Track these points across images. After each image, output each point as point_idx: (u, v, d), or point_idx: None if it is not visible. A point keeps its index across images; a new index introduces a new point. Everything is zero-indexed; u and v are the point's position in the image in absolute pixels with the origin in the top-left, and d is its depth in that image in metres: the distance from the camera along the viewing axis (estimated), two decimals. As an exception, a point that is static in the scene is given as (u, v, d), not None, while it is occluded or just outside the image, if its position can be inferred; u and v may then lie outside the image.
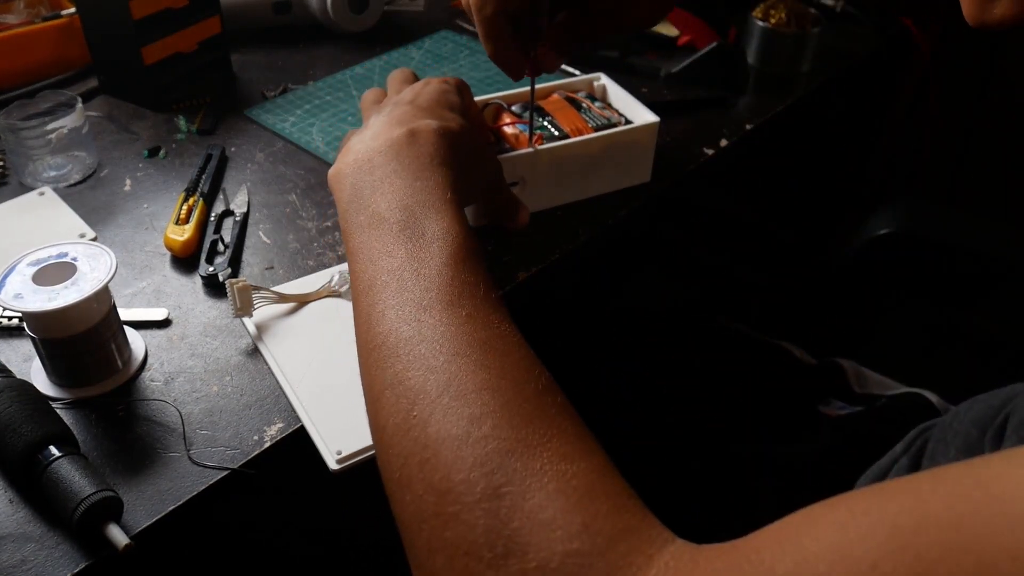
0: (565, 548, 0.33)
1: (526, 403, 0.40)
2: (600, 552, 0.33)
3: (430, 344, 0.43)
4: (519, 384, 0.41)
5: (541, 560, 0.33)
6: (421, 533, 0.38)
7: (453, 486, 0.37)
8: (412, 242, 0.48)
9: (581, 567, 0.33)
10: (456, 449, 0.38)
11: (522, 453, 0.37)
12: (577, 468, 0.37)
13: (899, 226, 0.86)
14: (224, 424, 0.54)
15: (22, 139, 0.73)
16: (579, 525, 0.34)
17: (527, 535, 0.34)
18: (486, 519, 0.35)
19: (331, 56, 0.96)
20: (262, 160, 0.79)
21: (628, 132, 0.71)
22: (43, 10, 0.90)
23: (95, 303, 0.53)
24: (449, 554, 0.36)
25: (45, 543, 0.47)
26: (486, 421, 0.39)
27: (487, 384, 0.40)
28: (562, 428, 0.39)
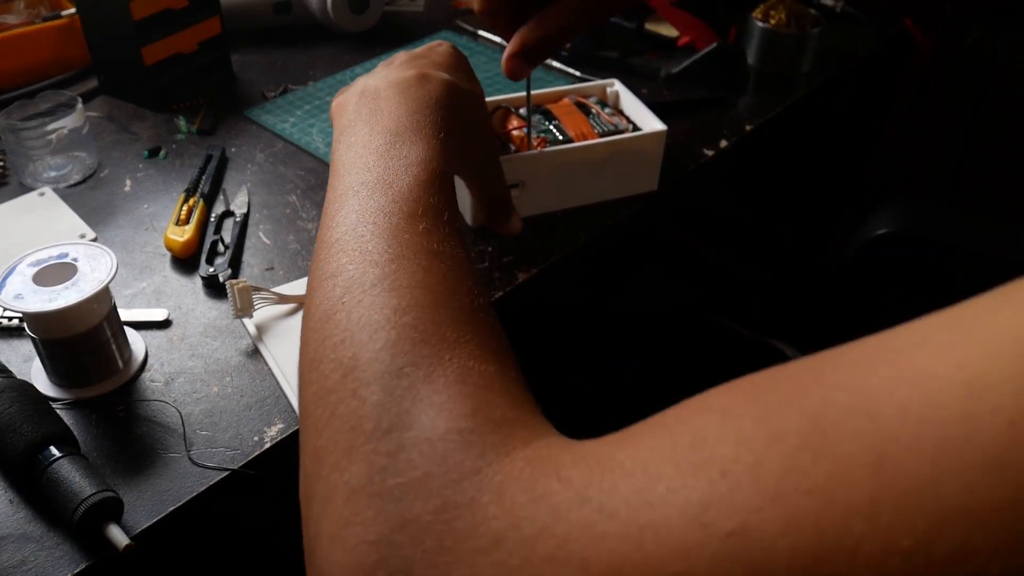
0: (447, 426, 0.33)
1: (456, 309, 0.40)
2: (480, 433, 0.33)
3: (379, 242, 0.43)
4: (455, 293, 0.41)
5: (422, 435, 0.33)
6: (316, 410, 0.37)
7: (358, 364, 0.37)
8: (391, 161, 0.48)
9: (459, 444, 0.33)
10: (372, 332, 0.38)
11: (435, 345, 0.37)
12: (484, 368, 0.37)
13: (898, 226, 0.86)
14: (224, 425, 0.54)
15: (22, 139, 0.73)
16: (468, 409, 0.34)
17: (416, 414, 0.34)
18: (380, 395, 0.35)
19: (331, 56, 0.96)
20: (262, 161, 0.79)
21: (633, 140, 0.71)
22: (43, 10, 0.90)
23: (95, 304, 0.53)
24: (335, 428, 0.36)
25: (45, 543, 0.47)
26: (409, 312, 0.39)
27: (423, 283, 0.41)
28: (483, 336, 0.39)
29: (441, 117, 0.53)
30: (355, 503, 0.33)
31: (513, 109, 0.74)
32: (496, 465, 0.32)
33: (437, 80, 0.55)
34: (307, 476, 0.36)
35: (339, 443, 0.35)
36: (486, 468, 0.32)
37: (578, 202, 0.72)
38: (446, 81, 0.56)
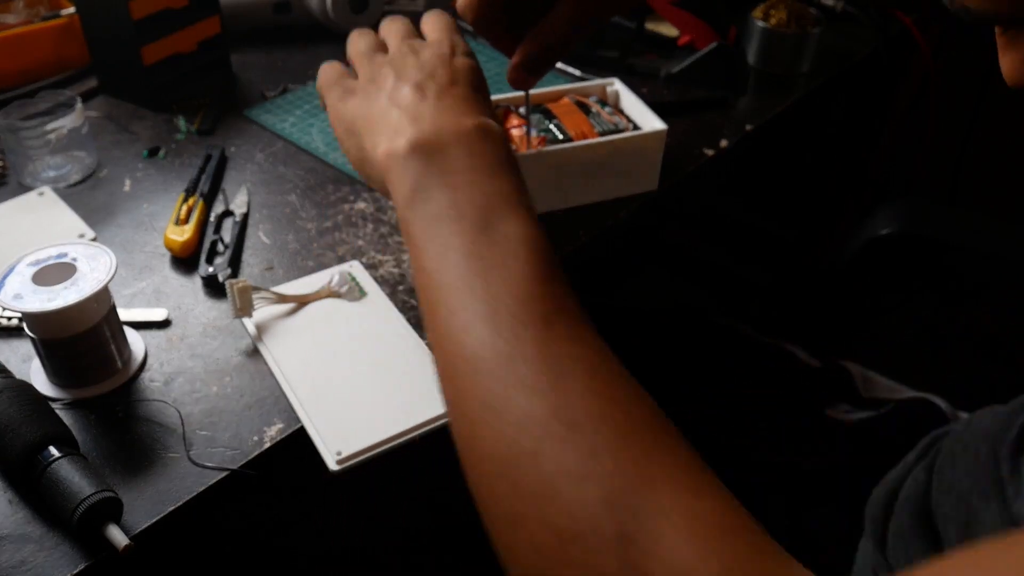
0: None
1: (641, 433, 0.38)
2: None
3: (532, 364, 0.39)
4: (630, 412, 0.39)
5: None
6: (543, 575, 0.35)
7: (578, 529, 0.35)
8: (494, 244, 0.44)
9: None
10: (576, 487, 0.35)
11: (648, 490, 0.35)
12: (705, 505, 0.35)
13: (898, 226, 0.86)
14: (224, 425, 0.54)
15: (22, 139, 0.73)
16: (718, 569, 0.32)
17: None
18: (618, 565, 0.33)
19: (331, 56, 0.95)
20: (262, 160, 0.79)
21: (633, 139, 0.71)
22: (42, 10, 0.90)
23: (95, 303, 0.53)
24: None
25: (45, 544, 0.47)
26: (605, 456, 0.36)
27: (599, 412, 0.38)
28: (681, 459, 0.37)
29: (515, 178, 0.49)
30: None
31: (513, 108, 0.74)
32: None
33: (497, 135, 0.51)
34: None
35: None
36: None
37: (578, 201, 0.72)
38: (502, 134, 0.52)
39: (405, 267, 0.66)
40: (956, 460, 0.55)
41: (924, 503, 0.56)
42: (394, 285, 0.65)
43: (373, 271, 0.66)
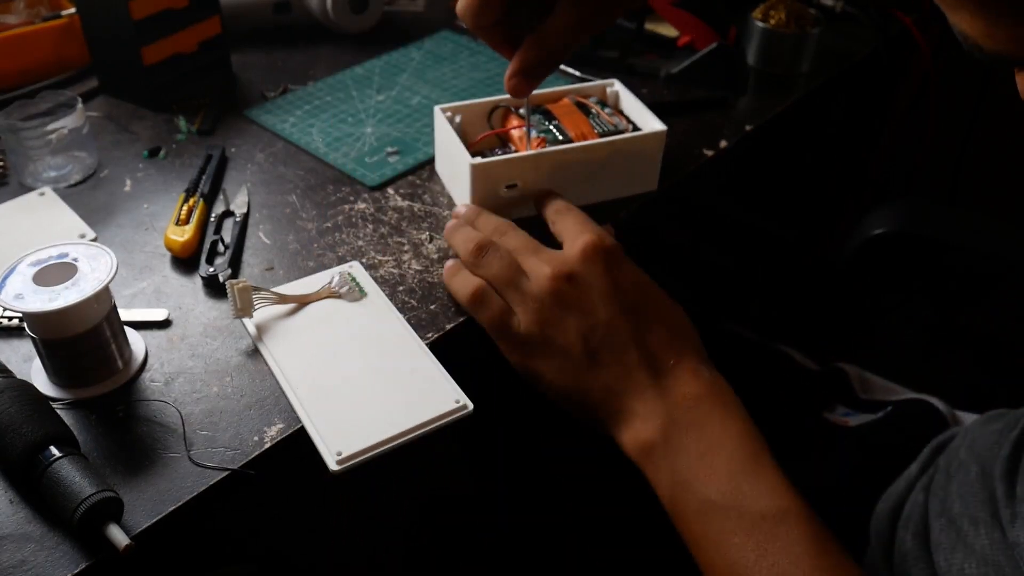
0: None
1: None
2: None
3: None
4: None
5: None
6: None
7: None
8: (755, 530, 0.47)
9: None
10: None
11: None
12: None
13: (895, 225, 0.86)
14: (224, 425, 0.54)
15: (22, 139, 0.73)
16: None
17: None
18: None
19: (331, 56, 0.96)
20: (262, 161, 0.79)
21: (633, 140, 0.71)
22: (43, 10, 0.90)
23: (95, 303, 0.54)
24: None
25: (45, 543, 0.47)
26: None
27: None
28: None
29: (749, 430, 0.52)
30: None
31: (513, 109, 0.74)
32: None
33: (727, 393, 0.53)
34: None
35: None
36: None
37: (578, 202, 0.72)
38: (727, 388, 0.54)
39: (405, 267, 0.67)
40: (950, 480, 0.56)
41: (923, 526, 0.56)
42: (394, 285, 0.65)
43: (373, 271, 0.66)
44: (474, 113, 0.74)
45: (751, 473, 0.49)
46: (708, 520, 0.49)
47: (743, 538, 0.47)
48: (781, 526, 0.47)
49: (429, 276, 0.66)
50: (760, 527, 0.47)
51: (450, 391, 0.56)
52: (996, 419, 0.58)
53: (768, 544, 0.47)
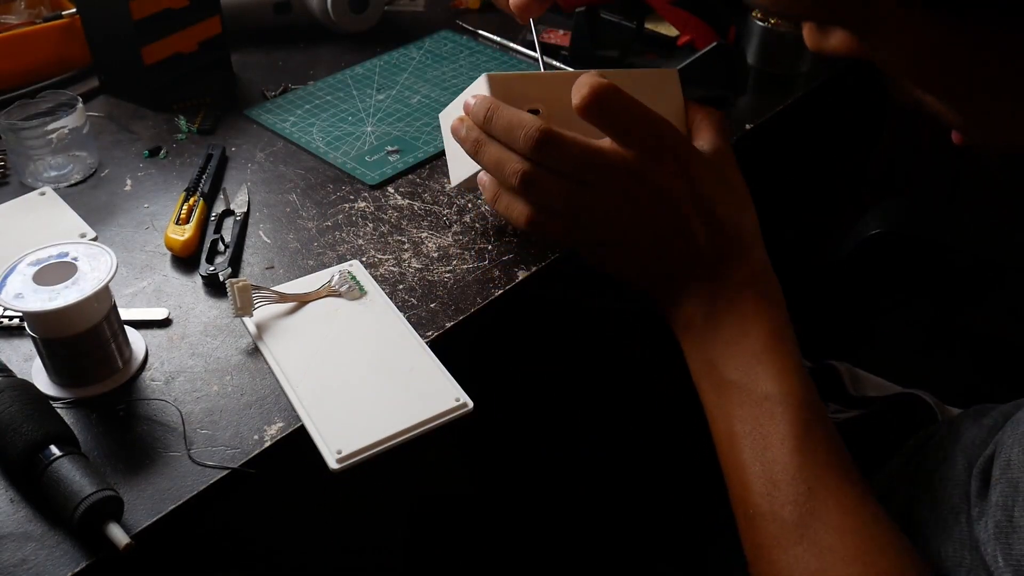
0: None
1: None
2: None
3: (780, 523, 0.48)
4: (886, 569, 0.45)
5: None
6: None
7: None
8: (756, 407, 0.52)
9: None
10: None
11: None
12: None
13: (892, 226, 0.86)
14: (224, 424, 0.54)
15: (23, 139, 0.73)
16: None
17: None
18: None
19: (331, 56, 0.96)
20: (262, 160, 0.79)
21: (649, 73, 0.63)
22: (44, 10, 0.90)
23: (95, 303, 0.54)
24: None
25: (46, 542, 0.47)
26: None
27: (834, 570, 0.45)
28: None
29: (780, 323, 0.55)
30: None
31: None
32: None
33: (775, 290, 0.57)
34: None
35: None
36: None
37: None
38: (776, 286, 0.57)
39: (405, 266, 0.67)
40: (934, 472, 0.56)
41: (906, 514, 0.57)
42: (394, 284, 0.65)
43: (373, 270, 0.66)
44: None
45: (769, 358, 0.53)
46: (723, 395, 0.54)
47: (746, 411, 0.52)
48: (779, 406, 0.51)
49: (429, 274, 0.66)
50: (762, 404, 0.52)
51: (450, 389, 0.56)
52: (983, 414, 0.59)
53: (764, 419, 0.51)
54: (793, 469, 0.49)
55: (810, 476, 0.49)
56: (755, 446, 0.51)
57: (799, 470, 0.49)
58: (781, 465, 0.49)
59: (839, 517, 0.47)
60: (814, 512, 0.47)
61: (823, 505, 0.48)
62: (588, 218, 0.56)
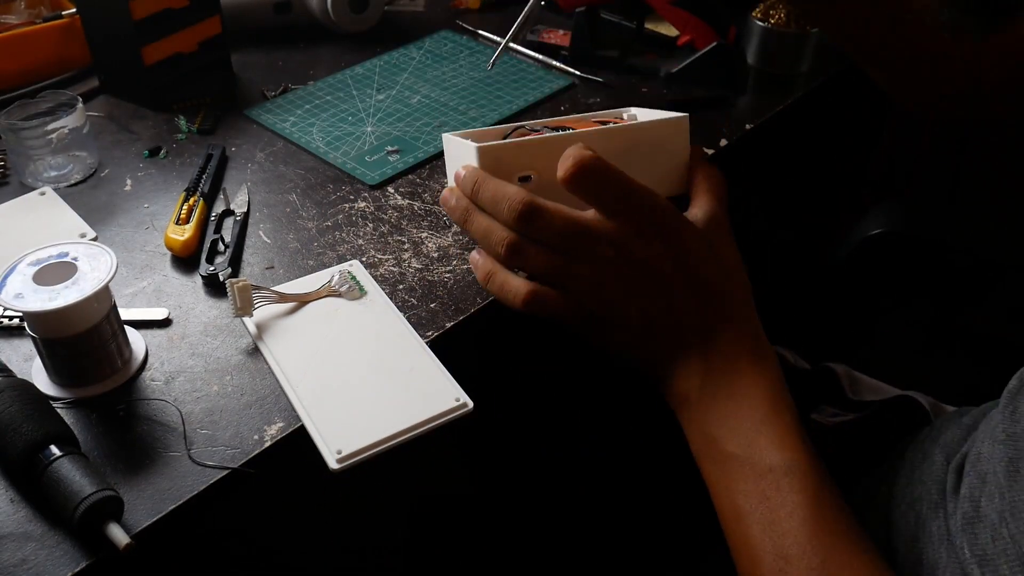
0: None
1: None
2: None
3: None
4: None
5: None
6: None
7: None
8: (761, 480, 0.51)
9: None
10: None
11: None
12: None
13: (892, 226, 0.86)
14: (224, 423, 0.54)
15: (23, 139, 0.73)
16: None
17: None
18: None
19: (331, 56, 0.96)
20: (262, 160, 0.79)
21: (654, 125, 0.64)
22: (44, 10, 0.90)
23: (95, 303, 0.54)
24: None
25: (46, 542, 0.47)
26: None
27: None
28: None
29: (781, 399, 0.54)
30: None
31: (527, 127, 0.71)
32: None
33: (771, 365, 0.55)
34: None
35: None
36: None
37: None
38: (775, 364, 0.56)
39: (405, 266, 0.67)
40: (914, 470, 0.57)
41: (885, 516, 0.57)
42: (394, 284, 0.65)
43: (373, 270, 0.66)
44: (486, 139, 0.65)
45: (769, 428, 0.52)
46: (726, 470, 0.52)
47: (750, 486, 0.51)
48: (786, 477, 0.50)
49: (429, 274, 0.66)
50: (767, 477, 0.50)
51: (450, 389, 0.56)
52: (964, 413, 0.59)
53: (770, 492, 0.50)
54: (804, 542, 0.48)
55: (822, 547, 0.48)
56: (763, 520, 0.50)
57: (810, 542, 0.48)
58: (792, 538, 0.48)
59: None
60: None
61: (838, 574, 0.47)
62: (576, 289, 0.56)
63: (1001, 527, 0.43)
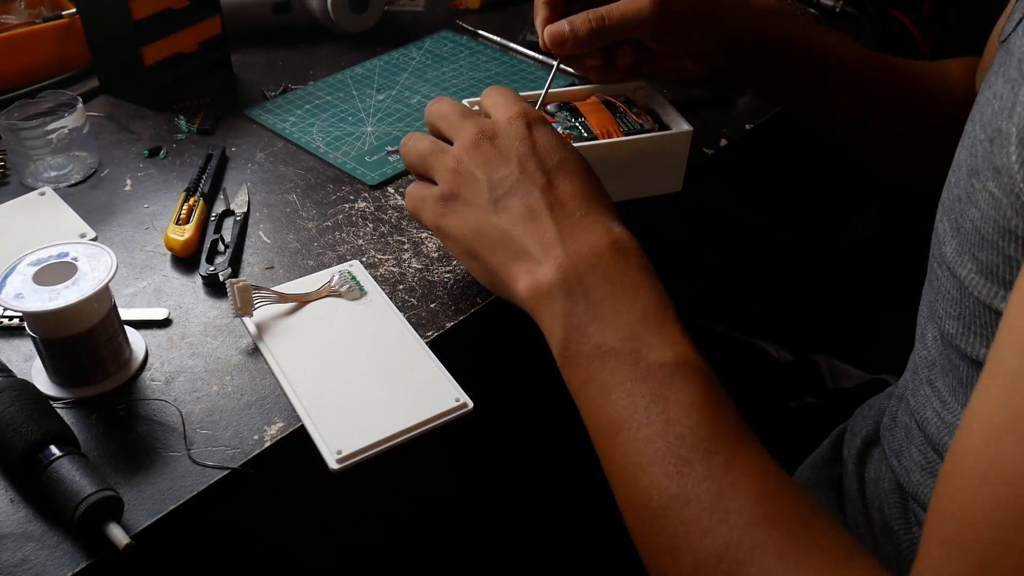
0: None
1: (809, 552, 0.40)
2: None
3: (698, 504, 0.42)
4: (794, 532, 0.41)
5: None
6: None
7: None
8: (650, 378, 0.46)
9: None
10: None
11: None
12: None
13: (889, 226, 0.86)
14: (224, 424, 0.54)
15: (23, 139, 0.73)
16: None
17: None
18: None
19: (331, 56, 0.96)
20: (262, 160, 0.79)
21: (658, 139, 0.70)
22: (44, 10, 0.90)
23: (95, 303, 0.54)
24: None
25: (46, 542, 0.47)
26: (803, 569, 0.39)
27: (763, 541, 0.40)
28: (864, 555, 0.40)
29: (656, 290, 0.50)
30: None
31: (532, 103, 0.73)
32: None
33: (630, 245, 0.51)
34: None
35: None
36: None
37: None
38: (633, 241, 0.52)
39: (405, 266, 0.67)
40: (844, 446, 0.60)
41: (860, 495, 0.60)
42: (394, 284, 0.65)
43: (373, 270, 0.66)
44: None
45: (652, 323, 0.48)
46: (600, 365, 0.47)
47: (635, 384, 0.46)
48: (677, 375, 0.45)
49: (429, 274, 0.66)
50: (655, 375, 0.46)
51: (450, 389, 0.56)
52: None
53: (661, 391, 0.45)
54: (705, 442, 0.43)
55: (724, 446, 0.43)
56: (655, 423, 0.44)
57: (712, 442, 0.43)
58: (692, 440, 0.43)
59: (761, 484, 0.42)
60: (735, 484, 0.42)
61: (743, 475, 0.42)
62: (440, 171, 0.57)
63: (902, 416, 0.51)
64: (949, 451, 0.37)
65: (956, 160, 0.51)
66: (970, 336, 0.47)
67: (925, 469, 0.53)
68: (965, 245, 0.46)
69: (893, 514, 0.57)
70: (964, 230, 0.46)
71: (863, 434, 0.65)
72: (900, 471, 0.56)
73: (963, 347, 0.48)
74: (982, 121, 0.47)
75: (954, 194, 0.49)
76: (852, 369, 0.81)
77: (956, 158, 0.52)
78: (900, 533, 0.56)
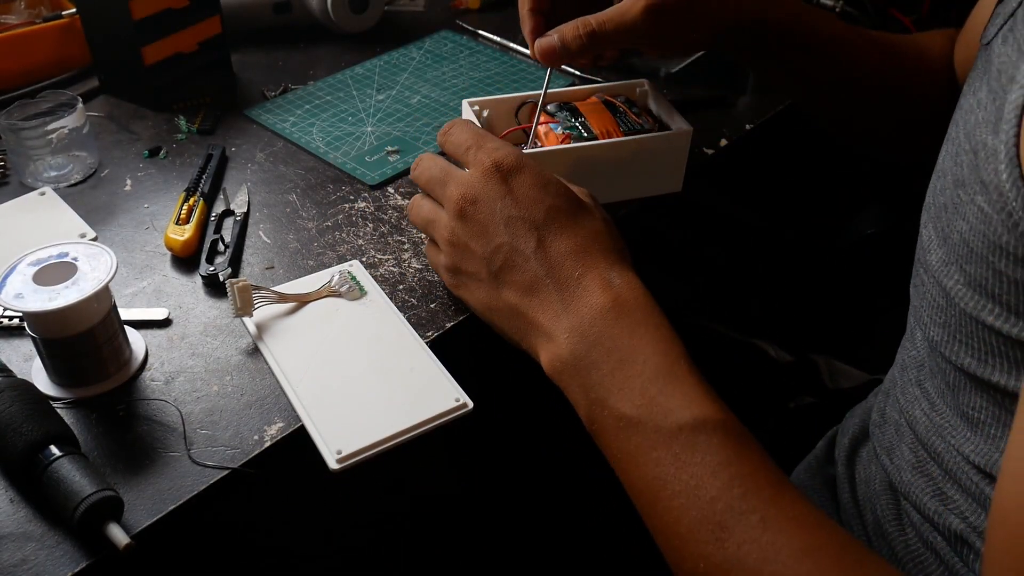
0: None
1: None
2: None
3: (742, 569, 0.41)
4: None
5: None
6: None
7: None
8: (672, 443, 0.45)
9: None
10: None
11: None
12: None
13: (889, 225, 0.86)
14: (224, 424, 0.54)
15: (23, 139, 0.73)
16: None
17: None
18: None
19: (331, 56, 0.96)
20: (262, 160, 0.79)
21: (658, 139, 0.70)
22: (44, 10, 0.90)
23: (95, 303, 0.54)
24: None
25: (46, 542, 0.47)
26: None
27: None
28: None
29: (662, 337, 0.49)
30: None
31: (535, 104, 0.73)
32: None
33: (630, 296, 0.51)
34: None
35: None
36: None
37: (601, 200, 0.71)
38: (639, 286, 0.51)
39: (405, 266, 0.67)
40: (833, 447, 0.61)
41: (850, 491, 0.61)
42: (394, 284, 0.65)
43: (373, 270, 0.66)
44: (502, 108, 0.73)
45: (666, 384, 0.47)
46: (626, 436, 0.47)
47: (661, 452, 0.45)
48: (699, 436, 0.45)
49: (429, 275, 0.66)
50: (677, 439, 0.45)
51: (450, 389, 0.56)
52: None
53: (686, 455, 0.45)
54: (736, 503, 0.43)
55: (758, 503, 0.43)
56: (684, 488, 0.44)
57: (743, 502, 0.43)
58: (723, 503, 0.43)
59: (802, 539, 0.42)
60: (775, 544, 0.41)
61: (783, 533, 0.42)
62: (440, 243, 0.58)
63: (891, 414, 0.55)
64: (994, 498, 0.36)
65: (940, 165, 0.51)
66: (955, 344, 0.47)
67: (916, 468, 0.53)
68: (952, 256, 0.45)
69: (886, 515, 0.56)
70: (951, 241, 0.46)
71: (851, 433, 0.65)
72: (892, 469, 0.56)
73: (948, 354, 0.48)
74: (966, 129, 0.46)
75: (940, 202, 0.49)
76: (851, 369, 0.81)
77: (940, 163, 0.51)
78: (894, 535, 0.55)
